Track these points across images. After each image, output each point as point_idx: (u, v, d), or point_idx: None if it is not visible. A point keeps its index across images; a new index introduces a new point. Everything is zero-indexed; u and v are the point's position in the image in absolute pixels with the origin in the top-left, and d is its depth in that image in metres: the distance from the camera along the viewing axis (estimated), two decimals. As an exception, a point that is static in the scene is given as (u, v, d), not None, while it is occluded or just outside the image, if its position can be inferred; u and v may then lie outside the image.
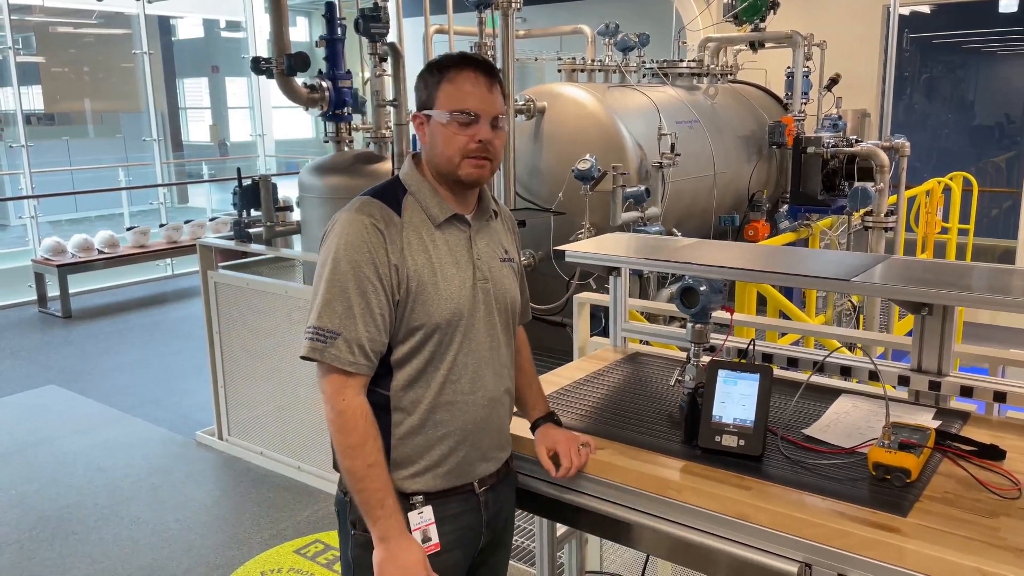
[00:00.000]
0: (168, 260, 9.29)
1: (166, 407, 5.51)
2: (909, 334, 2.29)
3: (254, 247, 4.33)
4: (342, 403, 1.60)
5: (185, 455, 4.74)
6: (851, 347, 4.46)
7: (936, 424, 1.96)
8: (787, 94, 6.82)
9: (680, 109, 6.02)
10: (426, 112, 1.69)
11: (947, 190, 6.95)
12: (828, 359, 2.23)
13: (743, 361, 1.99)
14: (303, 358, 1.63)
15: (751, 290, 3.76)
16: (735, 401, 1.88)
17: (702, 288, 2.07)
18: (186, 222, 9.07)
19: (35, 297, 8.22)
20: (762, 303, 3.99)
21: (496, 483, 1.82)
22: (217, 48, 15.90)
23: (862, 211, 4.51)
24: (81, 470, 4.56)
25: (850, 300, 5.04)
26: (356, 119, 4.44)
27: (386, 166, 3.89)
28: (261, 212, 4.28)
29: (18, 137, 9.15)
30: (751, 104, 6.94)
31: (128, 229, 8.79)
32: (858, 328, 5.24)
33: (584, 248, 2.48)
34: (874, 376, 2.22)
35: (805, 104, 6.79)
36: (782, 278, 2.04)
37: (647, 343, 2.82)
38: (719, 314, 2.14)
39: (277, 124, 14.41)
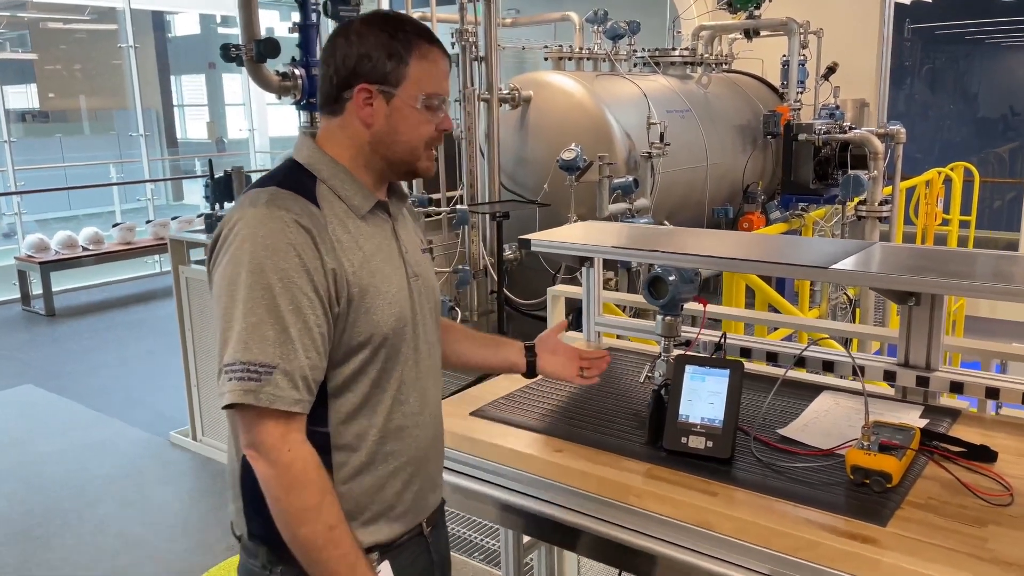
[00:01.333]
0: (156, 257, 9.16)
1: (144, 406, 5.37)
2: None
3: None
4: (288, 455, 1.25)
5: (158, 456, 4.60)
6: (846, 342, 4.30)
7: (923, 423, 1.81)
8: (783, 83, 6.66)
9: (672, 98, 5.87)
10: (386, 89, 1.37)
11: (947, 181, 6.77)
12: (808, 353, 2.08)
13: (712, 356, 1.84)
14: (228, 407, 1.25)
15: (739, 283, 3.61)
16: (703, 399, 1.74)
17: (671, 278, 1.92)
18: (173, 218, 8.94)
19: (19, 295, 8.09)
20: (753, 297, 3.84)
21: (438, 516, 1.62)
22: (214, 44, 15.75)
23: (856, 200, 4.35)
24: (50, 472, 4.43)
25: (845, 293, 4.90)
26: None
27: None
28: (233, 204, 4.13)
29: (1, 132, 9.03)
30: (746, 94, 6.78)
31: (114, 226, 8.66)
32: (854, 322, 5.09)
33: (550, 237, 2.33)
34: (861, 371, 2.06)
35: (802, 93, 6.63)
36: (754, 266, 1.89)
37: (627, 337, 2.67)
38: (692, 306, 1.99)
39: (272, 120, 14.28)
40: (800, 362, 2.16)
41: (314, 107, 4.15)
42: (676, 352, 1.94)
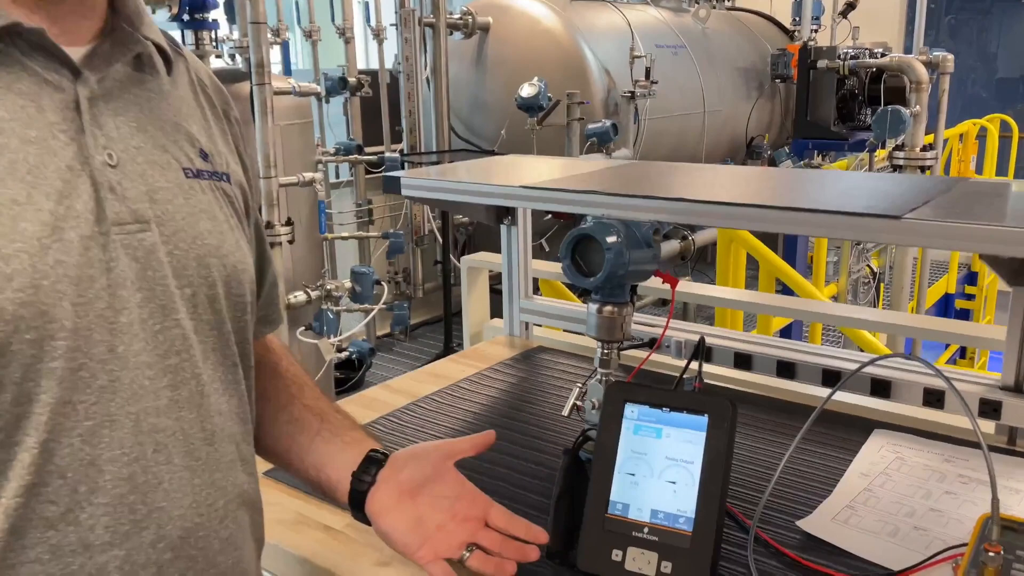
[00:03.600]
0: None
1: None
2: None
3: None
4: None
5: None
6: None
7: (1072, 512, 0.97)
8: (795, 19, 5.75)
9: (663, 32, 4.96)
10: None
11: (981, 137, 5.88)
12: (868, 372, 1.22)
13: (675, 388, 0.99)
14: None
15: (736, 251, 2.75)
16: (656, 473, 0.90)
17: (610, 239, 1.05)
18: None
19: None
20: (753, 268, 2.98)
21: None
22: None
23: (891, 145, 3.43)
24: None
25: (868, 264, 4.06)
26: (225, 29, 3.44)
27: (247, 87, 2.91)
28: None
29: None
30: (751, 32, 5.86)
31: None
32: (878, 303, 4.23)
33: (438, 175, 1.47)
34: (933, 398, 1.22)
35: (816, 32, 5.72)
36: (767, 217, 1.04)
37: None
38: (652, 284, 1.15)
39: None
40: (829, 378, 1.31)
41: (200, 24, 3.27)
42: (617, 373, 1.10)
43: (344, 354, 3.84)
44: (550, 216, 1.89)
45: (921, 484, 1.07)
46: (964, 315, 5.70)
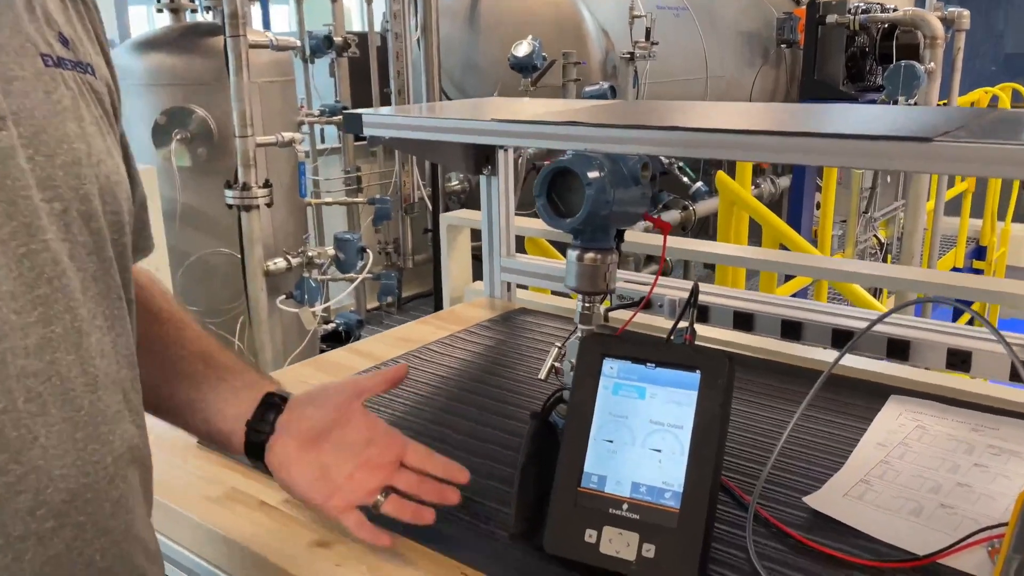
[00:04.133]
0: None
1: None
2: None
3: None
4: None
5: None
6: (875, 293, 3.29)
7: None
8: (801, -18, 5.53)
9: (664, -7, 4.77)
10: None
11: (994, 102, 5.70)
12: (886, 327, 1.07)
13: (667, 339, 0.85)
14: None
15: (739, 217, 2.60)
16: (638, 440, 0.76)
17: (591, 174, 0.90)
18: None
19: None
20: (756, 238, 2.84)
21: None
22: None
23: (904, 104, 3.27)
24: None
25: (876, 235, 3.90)
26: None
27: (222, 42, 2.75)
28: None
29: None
30: (756, -4, 5.66)
31: None
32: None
33: (398, 113, 1.32)
34: (958, 359, 1.08)
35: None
36: (782, 146, 0.89)
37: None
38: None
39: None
40: (840, 339, 1.17)
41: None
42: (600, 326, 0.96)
43: (331, 326, 3.70)
44: (534, 169, 1.74)
45: (946, 456, 0.93)
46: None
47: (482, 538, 0.80)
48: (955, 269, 5.30)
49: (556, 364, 0.99)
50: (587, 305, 0.97)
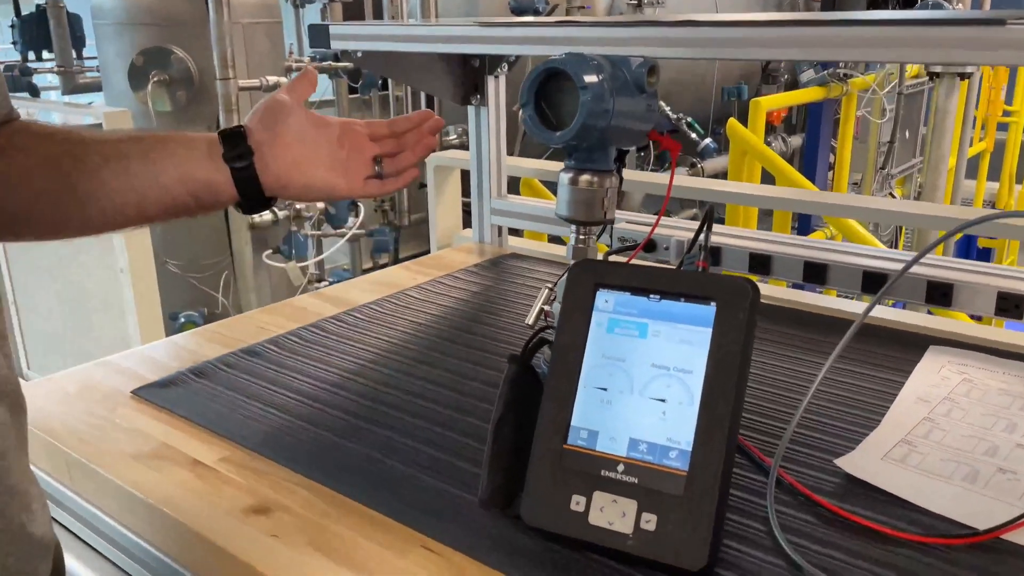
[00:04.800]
0: None
1: None
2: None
3: (43, 104, 3.03)
4: None
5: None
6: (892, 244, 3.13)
7: None
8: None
9: (674, -61, 4.55)
10: None
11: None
12: (924, 267, 0.93)
13: (680, 265, 0.71)
14: None
15: (751, 167, 2.44)
16: (638, 388, 0.62)
17: (587, 78, 0.74)
18: None
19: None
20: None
21: None
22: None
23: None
24: None
25: (891, 192, 3.72)
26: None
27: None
28: (53, 54, 2.97)
29: None
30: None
31: None
32: (899, 235, 3.90)
33: (368, 31, 1.16)
34: (1010, 304, 0.93)
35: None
36: (822, 39, 0.74)
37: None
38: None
39: None
40: (871, 283, 1.03)
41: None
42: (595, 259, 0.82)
43: (323, 284, 3.57)
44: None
45: (1000, 413, 0.79)
46: (985, 255, 5.40)
47: (449, 506, 0.66)
48: (968, 235, 5.14)
49: (546, 307, 0.84)
50: (581, 238, 0.83)
